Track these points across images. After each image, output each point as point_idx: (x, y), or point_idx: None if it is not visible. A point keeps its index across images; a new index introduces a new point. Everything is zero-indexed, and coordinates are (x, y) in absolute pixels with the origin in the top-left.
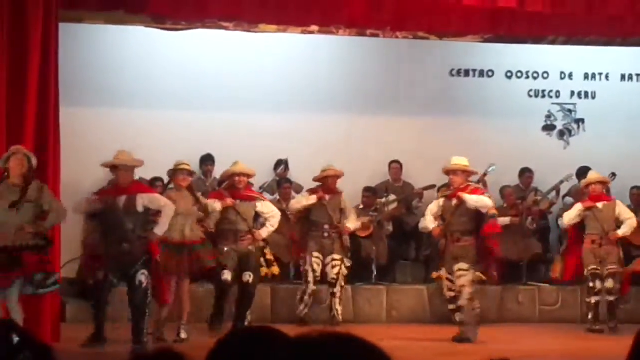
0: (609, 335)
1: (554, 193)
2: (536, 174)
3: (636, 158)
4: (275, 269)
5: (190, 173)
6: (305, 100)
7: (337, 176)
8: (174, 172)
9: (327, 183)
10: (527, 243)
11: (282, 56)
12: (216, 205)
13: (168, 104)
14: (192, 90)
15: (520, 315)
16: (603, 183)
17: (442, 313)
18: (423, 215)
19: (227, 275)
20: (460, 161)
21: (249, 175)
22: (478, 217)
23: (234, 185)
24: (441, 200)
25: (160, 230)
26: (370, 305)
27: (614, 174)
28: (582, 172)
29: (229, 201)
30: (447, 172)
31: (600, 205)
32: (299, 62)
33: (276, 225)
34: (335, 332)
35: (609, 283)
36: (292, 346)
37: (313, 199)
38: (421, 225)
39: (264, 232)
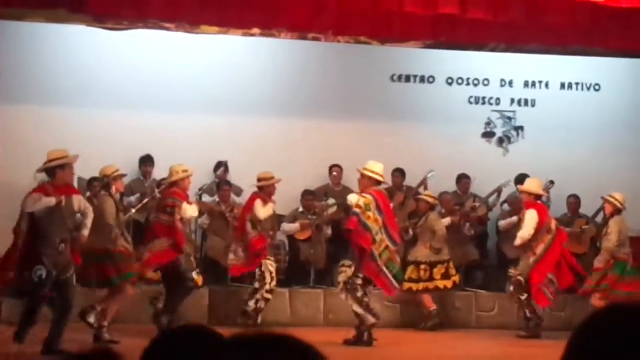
0: (543, 341)
1: (494, 196)
2: (475, 180)
3: (574, 166)
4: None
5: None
6: (246, 103)
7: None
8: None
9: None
10: (464, 249)
11: (224, 58)
12: None
13: (108, 103)
14: (133, 90)
15: (457, 321)
16: (530, 193)
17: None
18: None
19: None
20: (374, 167)
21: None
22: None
23: None
24: None
25: (86, 233)
26: (307, 308)
27: (552, 182)
28: (520, 179)
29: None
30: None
31: (523, 211)
32: (241, 64)
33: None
34: (271, 332)
35: (511, 287)
36: (227, 345)
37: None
38: None
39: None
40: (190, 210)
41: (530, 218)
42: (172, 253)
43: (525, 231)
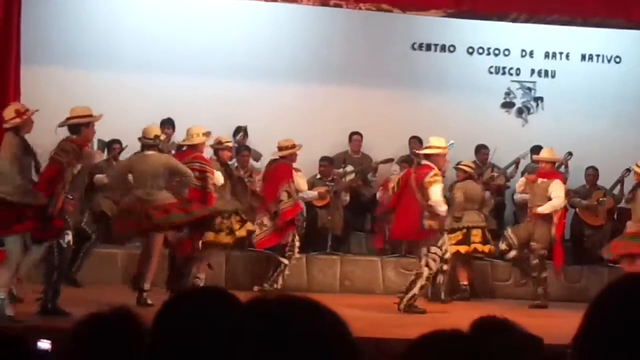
0: (555, 311)
1: (512, 167)
2: (494, 150)
3: (593, 138)
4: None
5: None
6: (266, 69)
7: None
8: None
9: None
10: None
11: (245, 23)
12: None
13: (129, 67)
14: (154, 54)
15: (472, 290)
16: (552, 161)
17: (394, 285)
18: (379, 187)
19: None
20: (438, 142)
21: None
22: None
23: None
24: None
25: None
26: (324, 274)
27: (570, 153)
28: (535, 151)
29: None
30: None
31: (539, 180)
32: (262, 30)
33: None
34: (291, 296)
35: (531, 258)
36: (246, 307)
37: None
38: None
39: None
40: (218, 176)
41: (560, 186)
42: (199, 232)
43: (560, 201)
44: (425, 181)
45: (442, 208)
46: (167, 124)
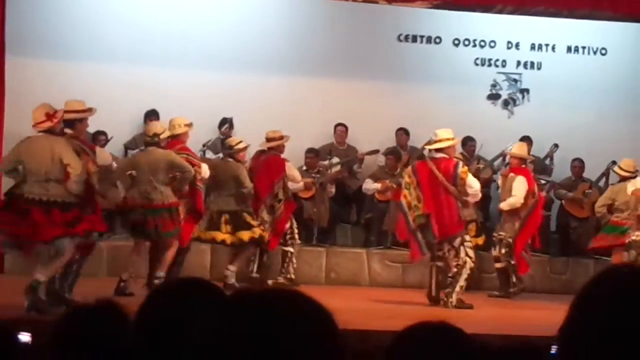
0: (546, 303)
1: (499, 160)
2: (479, 142)
3: (578, 130)
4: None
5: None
6: (252, 60)
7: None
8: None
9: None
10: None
11: (231, 14)
12: None
13: (114, 58)
14: (139, 45)
15: None
16: (521, 157)
17: (379, 277)
18: (365, 179)
19: None
20: (447, 134)
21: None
22: None
23: None
24: None
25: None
26: (310, 266)
27: (556, 145)
28: (525, 141)
29: None
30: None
31: (510, 176)
32: (247, 21)
33: None
34: (277, 289)
35: (496, 250)
36: (230, 300)
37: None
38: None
39: None
40: (205, 169)
41: (522, 184)
42: (191, 223)
43: (517, 199)
44: (459, 173)
45: (479, 196)
46: (152, 115)
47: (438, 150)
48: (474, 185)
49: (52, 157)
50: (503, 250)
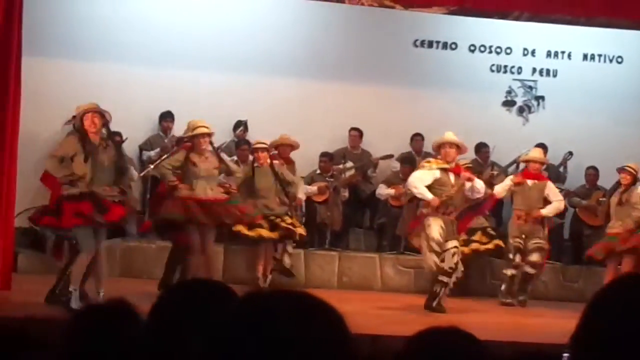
0: (554, 311)
1: (513, 166)
2: (494, 149)
3: (593, 138)
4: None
5: (209, 134)
6: (267, 63)
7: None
8: (193, 137)
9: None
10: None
11: (247, 17)
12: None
13: (130, 59)
14: (155, 47)
15: (470, 289)
16: (541, 162)
17: (392, 281)
18: (379, 183)
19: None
20: (453, 137)
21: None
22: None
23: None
24: (437, 172)
25: None
26: (322, 270)
27: (570, 153)
28: (541, 148)
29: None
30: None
31: (530, 182)
32: (264, 24)
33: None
34: (289, 290)
35: (534, 257)
36: (242, 300)
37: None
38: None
39: None
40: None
41: (556, 188)
42: None
43: (562, 203)
44: None
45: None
46: (167, 117)
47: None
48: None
49: None
50: (535, 257)
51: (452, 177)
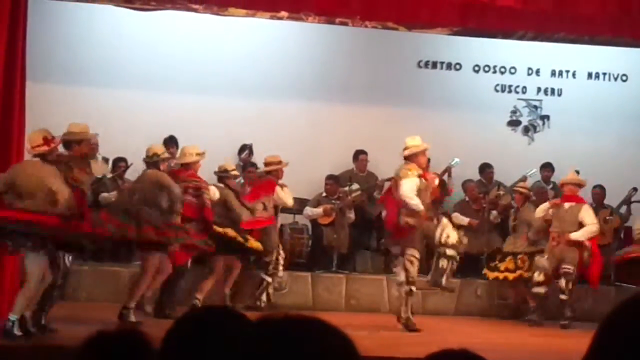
0: (562, 331)
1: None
2: (499, 168)
3: (599, 157)
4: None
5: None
6: (272, 86)
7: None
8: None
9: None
10: (488, 237)
11: (250, 41)
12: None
13: (133, 84)
14: (158, 71)
15: (477, 309)
16: (579, 185)
17: (399, 304)
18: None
19: None
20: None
21: None
22: None
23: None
24: (417, 179)
25: None
26: (329, 293)
27: (577, 172)
28: (547, 167)
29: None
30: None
31: (567, 205)
32: (267, 47)
33: None
34: (299, 315)
35: (561, 282)
36: (254, 326)
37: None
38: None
39: None
40: (213, 191)
41: (592, 212)
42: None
43: (596, 227)
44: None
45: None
46: (171, 142)
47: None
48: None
49: (40, 184)
50: (570, 284)
51: (423, 182)
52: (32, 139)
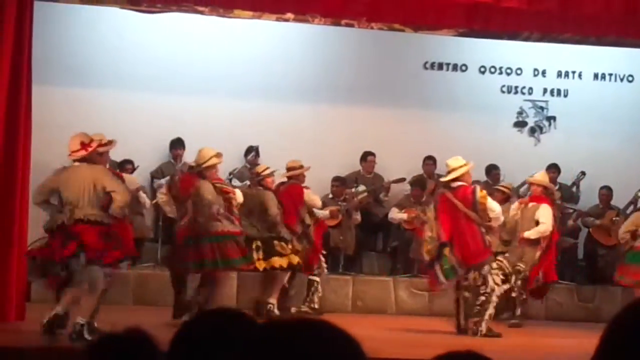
0: (572, 331)
1: (525, 187)
2: (506, 170)
3: (606, 158)
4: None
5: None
6: (278, 88)
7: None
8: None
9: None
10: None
11: (257, 43)
12: None
13: (140, 86)
14: (165, 73)
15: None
16: (542, 186)
17: (406, 305)
18: (391, 207)
19: None
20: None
21: None
22: None
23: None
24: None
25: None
26: (336, 294)
27: (583, 173)
28: (553, 168)
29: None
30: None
31: (530, 205)
32: (273, 49)
33: None
34: (307, 318)
35: (512, 279)
36: (261, 329)
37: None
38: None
39: None
40: (238, 195)
41: (549, 212)
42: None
43: (547, 226)
44: (477, 198)
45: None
46: (178, 144)
47: (454, 179)
48: (495, 208)
49: (93, 185)
50: (519, 282)
51: None
52: (70, 145)
